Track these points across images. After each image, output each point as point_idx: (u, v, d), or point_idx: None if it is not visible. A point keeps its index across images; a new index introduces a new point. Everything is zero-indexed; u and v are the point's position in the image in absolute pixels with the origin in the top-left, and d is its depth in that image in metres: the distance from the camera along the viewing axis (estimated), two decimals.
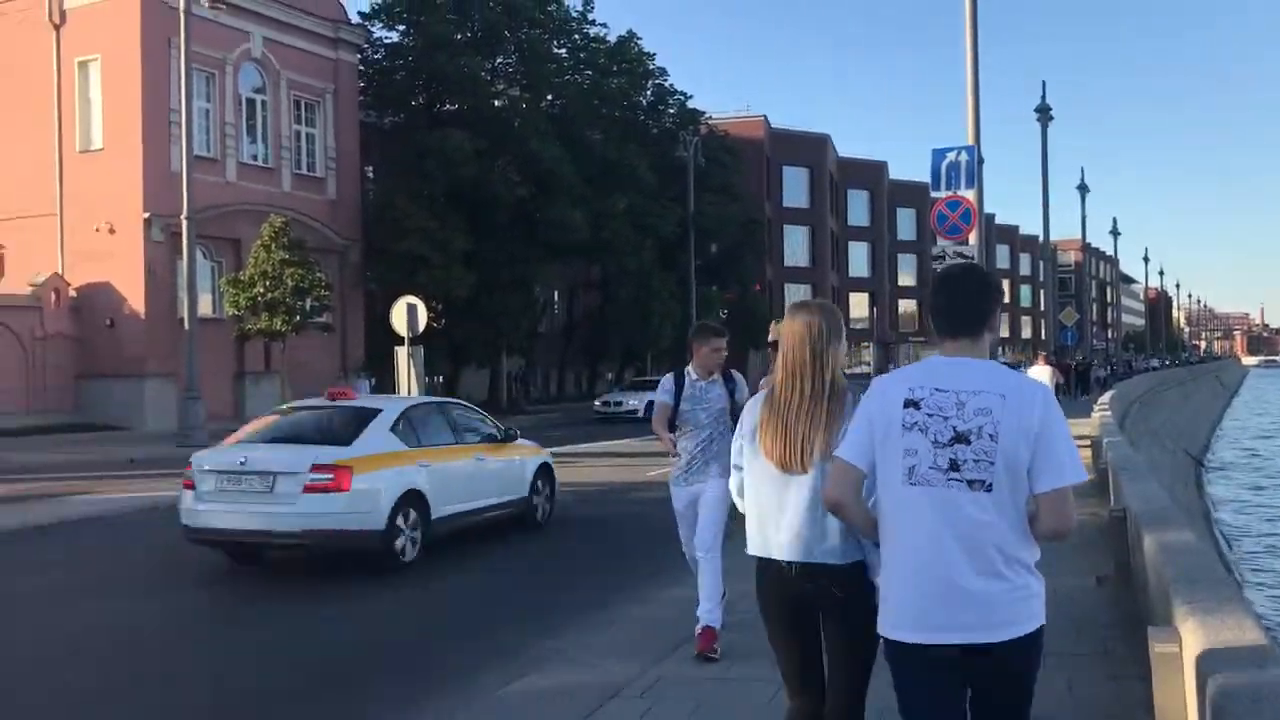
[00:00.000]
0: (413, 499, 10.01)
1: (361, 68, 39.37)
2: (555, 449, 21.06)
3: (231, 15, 30.47)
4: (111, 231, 30.41)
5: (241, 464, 9.73)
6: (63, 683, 6.75)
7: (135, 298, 30.45)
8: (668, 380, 6.88)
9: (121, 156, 30.40)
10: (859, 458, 3.08)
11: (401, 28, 41.13)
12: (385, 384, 33.15)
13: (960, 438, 2.93)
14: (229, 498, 9.71)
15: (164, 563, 11.25)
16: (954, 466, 2.93)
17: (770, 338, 6.30)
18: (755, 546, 3.57)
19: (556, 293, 51.69)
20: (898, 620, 3.02)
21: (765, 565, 3.51)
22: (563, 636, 7.31)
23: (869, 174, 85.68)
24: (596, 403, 38.13)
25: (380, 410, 10.59)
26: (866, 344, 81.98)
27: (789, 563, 3.42)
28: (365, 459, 9.71)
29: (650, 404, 18.16)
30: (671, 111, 51.18)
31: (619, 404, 36.53)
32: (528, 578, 10.03)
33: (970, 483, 2.91)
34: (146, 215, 30.07)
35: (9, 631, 8.25)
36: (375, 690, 6.48)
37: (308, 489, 9.34)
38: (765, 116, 71.13)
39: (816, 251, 76.89)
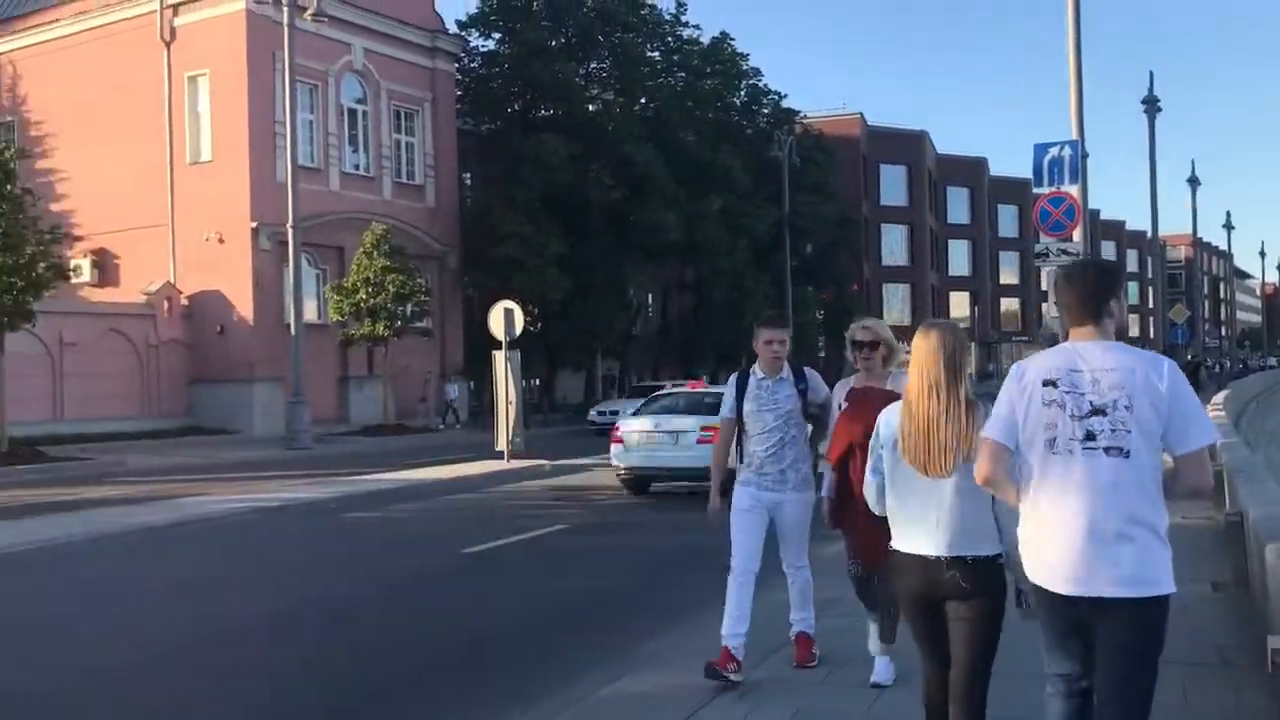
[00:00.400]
0: None
1: (458, 76, 39.99)
2: None
3: (333, 28, 31.21)
4: (221, 241, 31.39)
5: (656, 426, 15.33)
6: (214, 671, 6.98)
7: (244, 305, 31.37)
8: (731, 384, 6.18)
9: (229, 168, 31.37)
10: (1006, 437, 3.44)
11: (497, 36, 41.70)
12: (484, 387, 33.61)
13: (1097, 410, 3.29)
14: (648, 448, 15.28)
15: (274, 561, 11.58)
16: (1090, 437, 3.29)
17: (851, 337, 5.71)
18: (901, 544, 3.94)
19: (650, 295, 51.79)
20: (1043, 573, 3.40)
21: (909, 560, 3.89)
22: (660, 638, 7.31)
23: (968, 170, 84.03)
24: (592, 412, 34.16)
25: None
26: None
27: (937, 557, 3.80)
28: None
29: None
30: (766, 111, 50.93)
31: (615, 413, 31.77)
32: (628, 578, 10.06)
33: (1107, 450, 3.27)
34: (254, 224, 30.97)
35: (173, 621, 8.56)
36: (475, 690, 6.56)
37: (699, 441, 14.16)
38: (861, 114, 70.33)
39: (915, 250, 75.69)
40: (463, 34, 40.47)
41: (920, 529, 3.85)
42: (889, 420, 4.00)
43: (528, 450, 22.05)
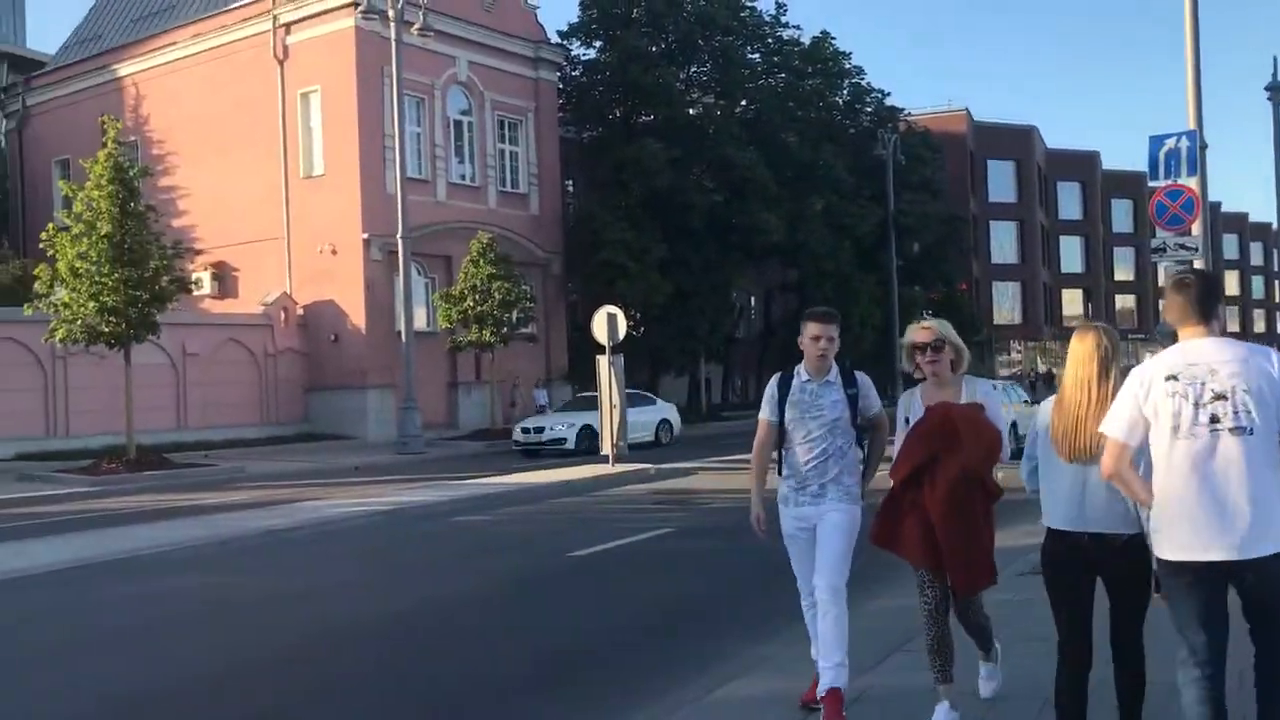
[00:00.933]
0: None
1: (560, 85, 40.39)
2: (744, 456, 21.01)
3: (439, 42, 31.80)
4: (334, 252, 32.25)
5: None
6: (332, 671, 7.21)
7: (356, 314, 32.17)
8: (772, 385, 5.59)
9: (341, 181, 32.21)
10: (1128, 434, 3.84)
11: (598, 44, 41.98)
12: (589, 390, 33.86)
13: (1219, 396, 3.70)
14: None
15: (388, 564, 11.87)
16: (1215, 420, 3.69)
17: (910, 340, 5.17)
18: (1052, 520, 4.32)
19: (753, 297, 51.55)
20: (1173, 544, 3.76)
21: (1060, 536, 4.28)
22: (771, 642, 7.29)
23: (1080, 165, 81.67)
24: (516, 430, 27.64)
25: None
26: None
27: (1086, 534, 4.19)
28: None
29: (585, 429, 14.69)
30: (869, 110, 50.28)
31: (540, 431, 26.70)
32: (736, 582, 10.05)
33: (1232, 430, 3.68)
34: (365, 236, 31.75)
35: (294, 623, 8.87)
36: (588, 689, 6.63)
37: None
38: (967, 110, 68.96)
39: (1025, 247, 73.87)
40: (564, 44, 40.86)
41: (1071, 508, 4.23)
42: (1045, 409, 4.43)
43: (632, 454, 22.17)
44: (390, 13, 27.81)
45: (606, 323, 21.70)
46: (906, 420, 5.20)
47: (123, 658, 7.86)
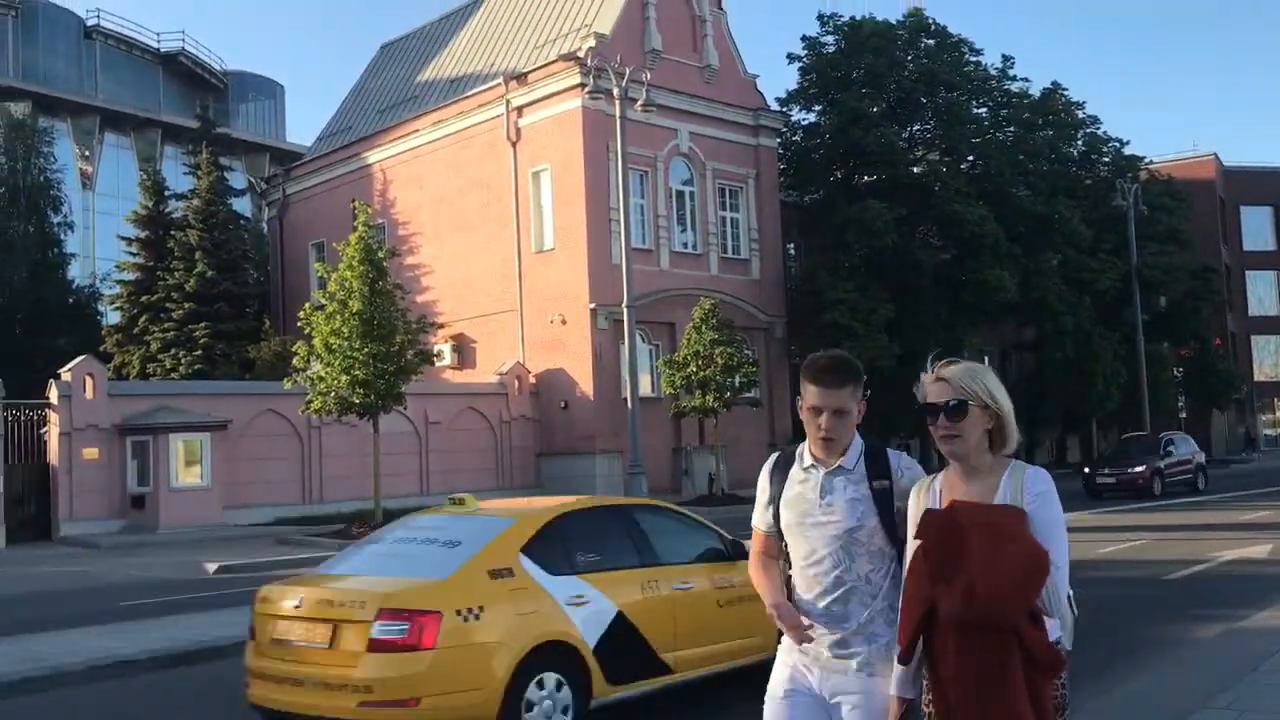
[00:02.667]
0: None
1: (780, 150, 40.59)
2: None
3: (661, 116, 32.64)
4: (563, 322, 33.31)
5: None
6: None
7: (585, 381, 33.02)
8: (764, 473, 3.77)
9: (570, 254, 33.34)
10: None
11: (818, 108, 42.07)
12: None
13: None
14: None
15: None
16: None
17: (921, 396, 3.44)
18: None
19: (987, 357, 49.70)
20: None
21: None
22: None
23: None
24: None
25: None
26: None
27: None
28: None
29: None
30: (1105, 160, 48.12)
31: None
32: None
33: None
34: (592, 306, 32.65)
35: None
36: None
37: None
38: (1216, 154, 64.88)
39: None
40: (784, 110, 41.12)
41: None
42: None
43: None
44: (615, 91, 28.75)
45: None
46: (912, 538, 3.37)
47: None
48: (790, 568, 3.62)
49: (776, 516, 3.63)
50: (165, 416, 26.75)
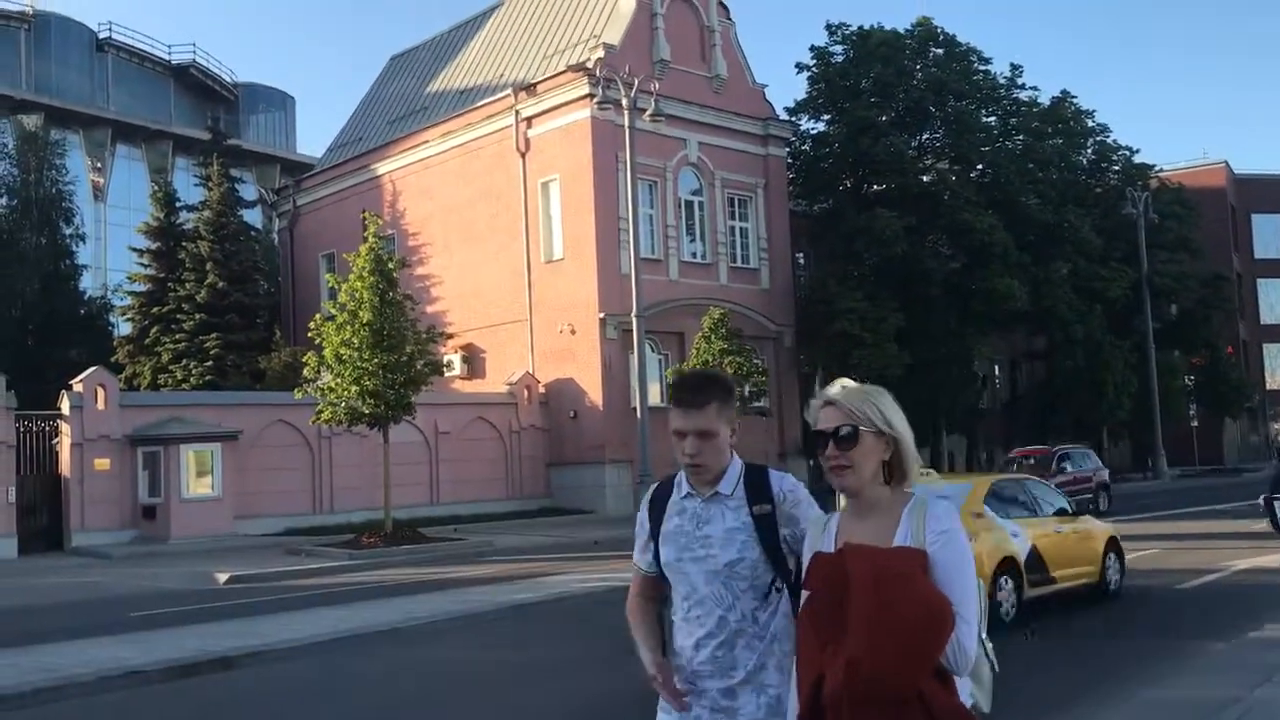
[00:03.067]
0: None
1: (789, 160, 40.61)
2: None
3: (670, 126, 32.65)
4: (573, 332, 33.34)
5: None
6: None
7: (594, 391, 33.03)
8: (643, 505, 3.40)
9: (579, 264, 33.38)
10: None
11: (827, 117, 42.10)
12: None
13: None
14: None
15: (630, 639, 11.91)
16: None
17: (811, 421, 2.95)
18: None
19: (997, 366, 49.66)
20: None
21: None
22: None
23: None
24: None
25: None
26: None
27: None
28: None
29: None
30: (1115, 169, 48.02)
31: None
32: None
33: None
34: (602, 315, 32.67)
35: (541, 697, 9.06)
36: None
37: None
38: (1226, 162, 64.77)
39: None
40: (793, 119, 41.16)
41: None
42: None
43: None
44: (624, 102, 28.82)
45: None
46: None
47: None
48: (669, 615, 3.26)
49: (657, 554, 3.26)
50: (176, 427, 26.83)
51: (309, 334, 24.88)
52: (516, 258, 35.07)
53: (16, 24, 53.68)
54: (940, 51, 42.02)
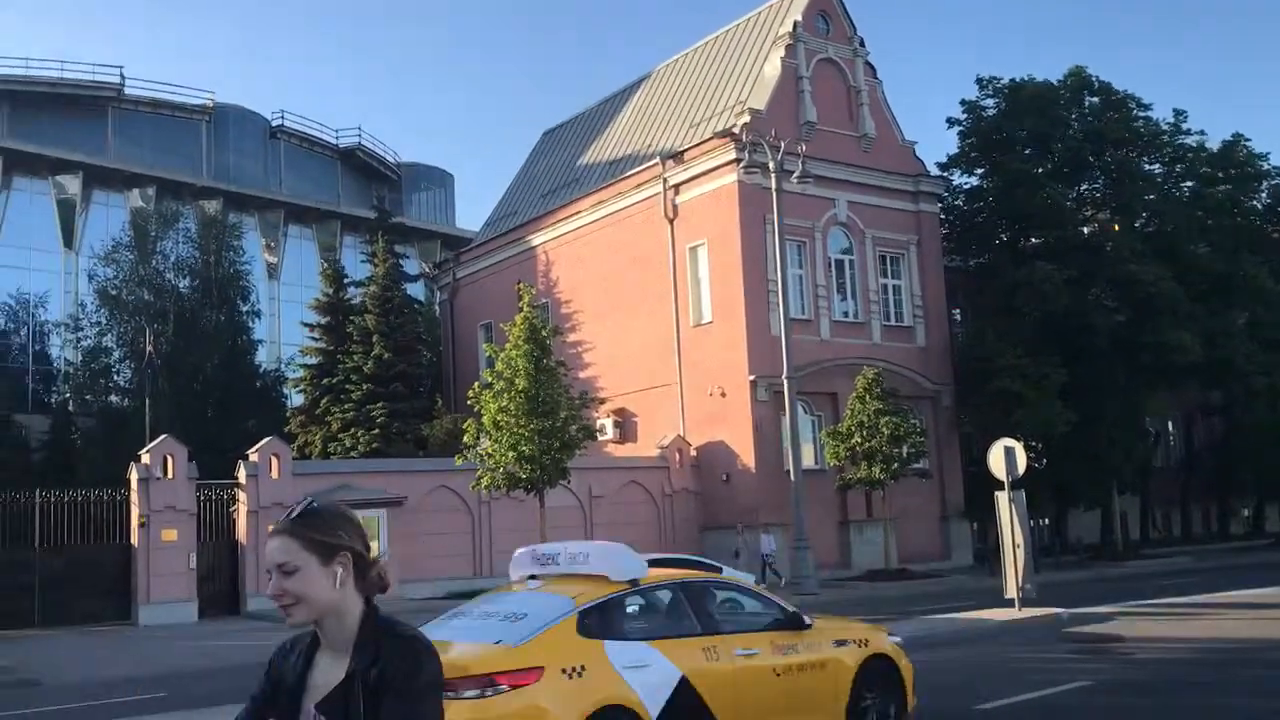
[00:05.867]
0: None
1: (942, 215, 39.95)
2: (1174, 600, 18.83)
3: (818, 186, 32.54)
4: (723, 395, 33.31)
5: None
6: None
7: (746, 453, 32.82)
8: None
9: (728, 327, 33.43)
10: None
11: (980, 171, 41.32)
12: (988, 528, 32.26)
13: None
14: None
15: None
16: None
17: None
18: None
19: (1170, 422, 47.28)
20: None
21: None
22: None
23: None
24: None
25: None
26: None
27: None
28: None
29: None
30: None
31: None
32: None
33: None
34: (752, 378, 32.56)
35: None
36: None
37: None
38: None
39: None
40: (944, 174, 40.55)
41: None
42: None
43: (1039, 598, 20.67)
44: (770, 165, 28.95)
45: (1004, 457, 20.63)
46: None
47: None
48: None
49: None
50: (345, 494, 27.81)
51: (468, 401, 25.62)
52: (666, 322, 35.37)
53: (199, 117, 57.57)
54: (1096, 100, 40.80)
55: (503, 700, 6.68)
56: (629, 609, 8.00)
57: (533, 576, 8.36)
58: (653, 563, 9.22)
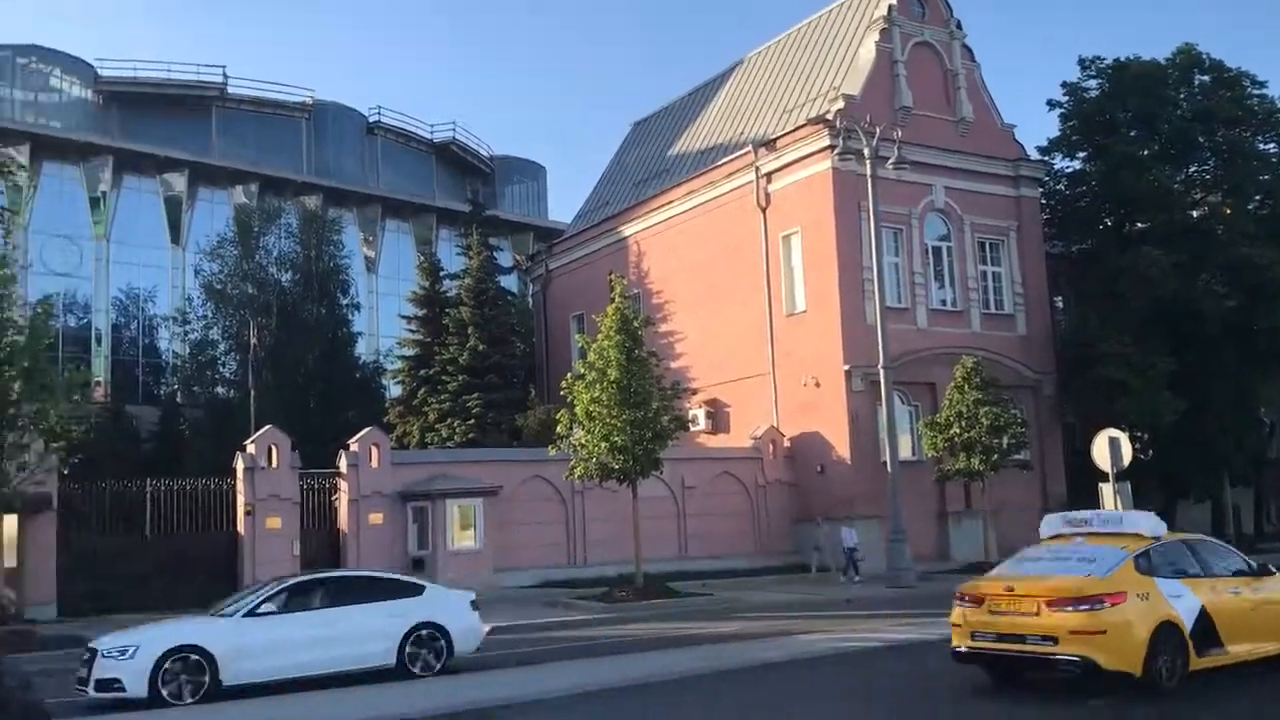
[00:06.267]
0: None
1: (1043, 200, 38.96)
2: None
3: (915, 172, 31.91)
4: (817, 385, 32.96)
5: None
6: None
7: (841, 444, 32.45)
8: None
9: (822, 316, 33.06)
10: None
11: (1083, 154, 40.16)
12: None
13: None
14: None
15: (880, 704, 11.51)
16: None
17: None
18: None
19: None
20: None
21: None
22: None
23: None
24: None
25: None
26: None
27: None
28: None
29: None
30: None
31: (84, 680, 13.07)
32: None
33: None
34: (847, 367, 32.16)
35: None
36: None
37: None
38: None
39: None
40: (1046, 159, 39.50)
41: None
42: None
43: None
44: (865, 151, 28.52)
45: (1109, 447, 20.08)
46: None
47: None
48: None
49: None
50: (442, 483, 28.29)
51: (561, 392, 25.76)
52: (759, 312, 35.13)
53: (299, 114, 58.89)
54: (1206, 78, 39.28)
55: (1106, 612, 10.15)
56: (1159, 556, 11.19)
57: (1057, 536, 12.15)
58: None
